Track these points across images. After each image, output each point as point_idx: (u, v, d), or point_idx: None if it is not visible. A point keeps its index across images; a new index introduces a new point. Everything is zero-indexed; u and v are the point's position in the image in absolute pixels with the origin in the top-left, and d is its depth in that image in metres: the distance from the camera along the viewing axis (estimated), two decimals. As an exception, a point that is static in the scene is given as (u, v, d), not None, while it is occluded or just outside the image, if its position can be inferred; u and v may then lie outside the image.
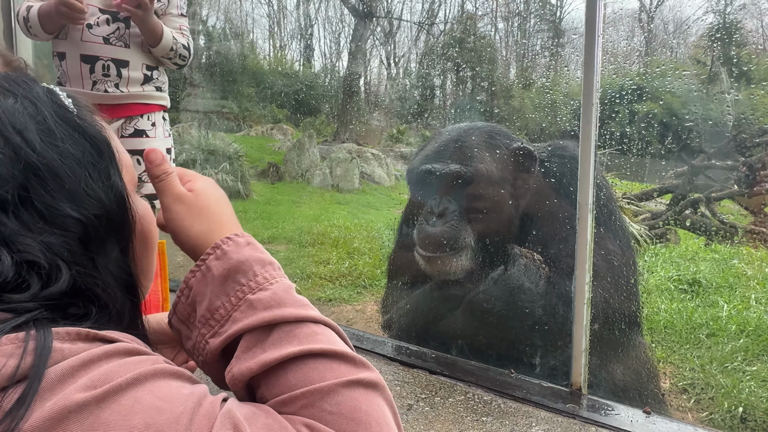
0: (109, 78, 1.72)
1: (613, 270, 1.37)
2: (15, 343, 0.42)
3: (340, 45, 15.76)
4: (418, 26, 14.90)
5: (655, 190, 7.98)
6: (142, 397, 0.43)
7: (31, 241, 0.48)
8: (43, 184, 0.50)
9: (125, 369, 0.44)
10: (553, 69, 10.63)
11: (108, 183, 0.55)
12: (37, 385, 0.40)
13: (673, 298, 3.38)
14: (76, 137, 0.54)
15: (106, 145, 0.57)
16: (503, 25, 13.64)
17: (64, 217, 0.50)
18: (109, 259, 0.53)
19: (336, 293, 4.02)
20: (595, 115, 1.09)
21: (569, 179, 1.51)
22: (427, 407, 1.14)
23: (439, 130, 1.79)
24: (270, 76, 14.74)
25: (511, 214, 1.60)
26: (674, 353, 2.65)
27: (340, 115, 13.81)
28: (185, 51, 1.81)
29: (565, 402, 1.15)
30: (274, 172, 10.44)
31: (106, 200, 0.54)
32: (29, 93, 0.54)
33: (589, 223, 1.11)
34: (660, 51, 9.94)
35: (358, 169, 10.85)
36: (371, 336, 1.54)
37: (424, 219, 1.61)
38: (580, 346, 1.15)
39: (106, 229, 0.53)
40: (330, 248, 5.16)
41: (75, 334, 0.46)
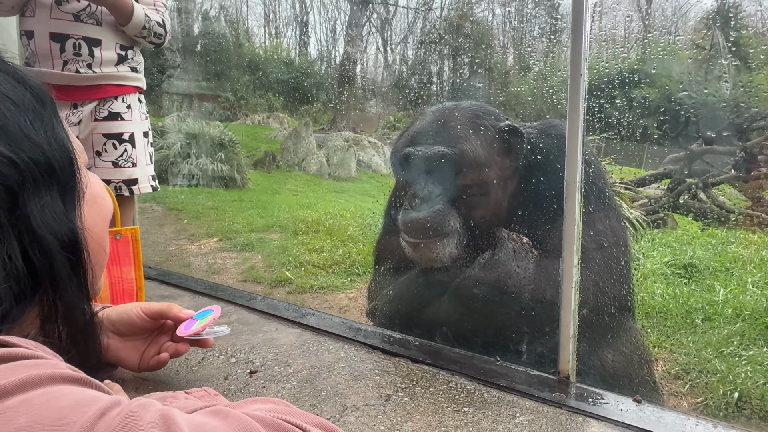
0: (80, 57, 1.64)
1: (603, 251, 1.31)
2: None
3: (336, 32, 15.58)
4: (415, 12, 14.70)
5: (653, 175, 7.92)
6: (32, 398, 0.36)
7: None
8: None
9: (14, 371, 0.38)
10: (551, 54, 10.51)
11: (52, 133, 0.54)
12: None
13: (669, 282, 3.33)
14: (15, 84, 0.53)
15: (48, 99, 0.56)
16: (500, 10, 13.47)
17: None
18: (46, 208, 0.50)
19: (329, 281, 3.98)
20: (584, 86, 1.03)
21: (558, 157, 1.44)
22: (407, 398, 1.08)
23: (423, 110, 1.72)
24: (265, 63, 14.59)
25: (499, 195, 1.54)
26: (669, 338, 2.61)
27: (337, 102, 13.70)
28: (160, 29, 1.73)
29: (552, 390, 1.09)
30: (270, 160, 10.36)
31: (48, 147, 0.52)
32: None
33: (578, 202, 1.05)
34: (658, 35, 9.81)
35: (354, 157, 10.77)
36: (354, 323, 1.48)
37: (408, 203, 1.54)
38: (568, 331, 1.09)
39: (45, 176, 0.51)
40: (324, 236, 5.11)
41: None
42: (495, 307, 1.38)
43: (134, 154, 1.74)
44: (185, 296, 1.82)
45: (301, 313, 1.57)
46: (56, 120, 0.56)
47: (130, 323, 1.01)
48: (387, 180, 10.50)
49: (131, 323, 1.01)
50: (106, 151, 1.71)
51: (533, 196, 1.46)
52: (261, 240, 5.10)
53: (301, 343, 1.38)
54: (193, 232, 5.35)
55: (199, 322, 1.03)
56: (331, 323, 1.48)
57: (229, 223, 5.73)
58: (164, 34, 1.75)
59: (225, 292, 1.83)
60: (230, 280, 3.88)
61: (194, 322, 1.04)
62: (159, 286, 1.93)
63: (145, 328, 1.03)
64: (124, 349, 1.01)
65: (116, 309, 1.02)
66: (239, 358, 1.30)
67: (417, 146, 1.55)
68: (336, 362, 1.26)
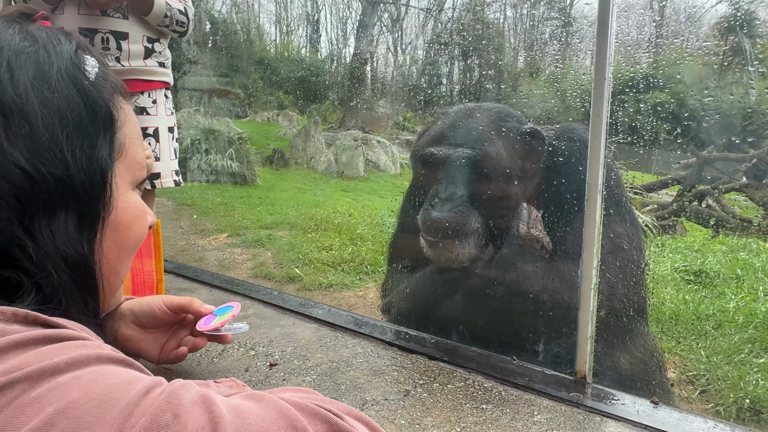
0: (109, 51, 1.66)
1: (621, 254, 1.32)
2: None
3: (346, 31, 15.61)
4: (426, 12, 14.70)
5: (663, 181, 7.88)
6: (82, 375, 0.39)
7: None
8: (6, 125, 0.46)
9: (64, 351, 0.40)
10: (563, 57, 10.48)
11: (89, 152, 0.51)
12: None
13: (679, 288, 3.33)
14: (72, 95, 0.51)
15: (104, 116, 0.53)
16: (512, 12, 13.44)
17: (11, 164, 0.45)
18: (55, 228, 0.48)
19: (338, 279, 3.99)
20: (608, 90, 1.04)
21: (577, 161, 1.45)
22: (425, 393, 1.10)
23: (446, 111, 1.73)
24: (276, 61, 14.64)
25: (519, 197, 1.55)
26: (680, 344, 2.61)
27: (346, 101, 13.72)
28: (182, 16, 1.74)
29: (569, 390, 1.11)
30: (279, 158, 10.40)
31: (74, 166, 0.49)
32: (53, 45, 0.52)
33: (599, 204, 1.06)
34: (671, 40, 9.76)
35: (363, 157, 10.79)
36: (370, 320, 1.50)
37: (429, 203, 1.56)
38: (586, 332, 1.10)
39: (61, 194, 0.48)
40: (333, 234, 5.13)
41: (11, 314, 0.42)
42: (511, 307, 1.39)
43: (158, 149, 1.77)
44: (202, 289, 1.84)
45: (317, 309, 1.59)
46: (104, 137, 0.53)
47: (152, 315, 1.02)
48: (395, 180, 10.51)
49: (153, 315, 1.02)
50: None
51: (552, 198, 1.47)
52: (270, 237, 5.12)
53: (319, 338, 1.40)
54: (203, 228, 5.39)
55: (219, 318, 1.05)
56: (348, 319, 1.50)
57: (238, 219, 5.77)
58: (187, 22, 1.77)
59: (241, 286, 1.86)
60: (241, 276, 3.91)
61: (214, 317, 1.06)
62: (175, 279, 1.96)
63: (167, 321, 1.05)
64: (145, 340, 1.02)
65: (139, 301, 1.04)
66: (258, 351, 1.32)
67: (439, 146, 1.56)
68: (354, 357, 1.28)
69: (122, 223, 0.58)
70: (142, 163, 0.62)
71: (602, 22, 1.05)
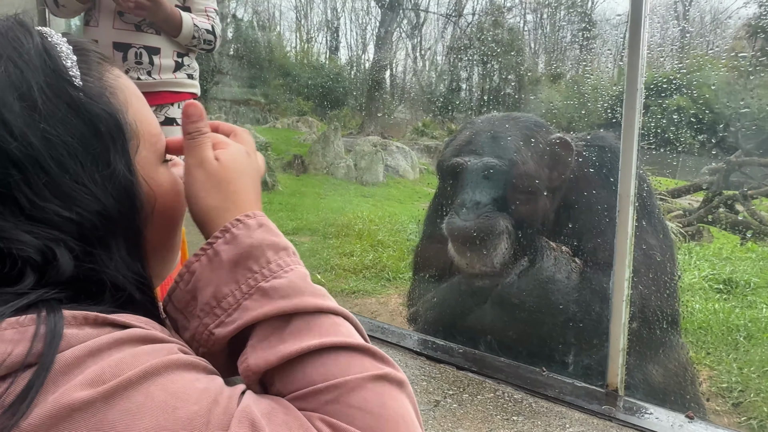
0: (141, 65, 1.71)
1: (654, 266, 1.30)
2: (16, 327, 0.38)
3: (366, 37, 15.69)
4: (446, 18, 14.71)
5: (689, 186, 7.73)
6: (153, 392, 0.39)
7: (18, 233, 0.41)
8: (25, 179, 0.42)
9: (137, 360, 0.40)
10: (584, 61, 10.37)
11: (107, 171, 0.46)
12: (44, 378, 0.36)
13: (708, 297, 3.26)
14: (67, 116, 0.45)
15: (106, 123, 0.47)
16: (532, 17, 13.38)
17: (53, 215, 0.43)
18: (112, 258, 0.47)
19: (360, 285, 4.01)
20: (640, 101, 1.03)
21: (608, 170, 1.44)
22: (455, 404, 1.10)
23: (472, 120, 1.74)
24: (296, 68, 14.79)
25: (546, 207, 1.54)
26: (709, 355, 2.55)
27: (366, 107, 13.77)
28: (209, 35, 1.79)
29: (601, 403, 1.10)
30: (299, 164, 10.48)
31: (103, 195, 0.46)
32: (18, 53, 0.44)
33: (630, 215, 1.05)
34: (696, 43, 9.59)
35: (382, 162, 10.80)
36: (396, 329, 1.50)
37: (456, 212, 1.56)
38: (618, 345, 1.09)
39: (105, 227, 0.46)
40: (354, 240, 5.15)
41: (82, 318, 0.41)
42: (539, 317, 1.39)
43: None
44: (230, 297, 1.88)
45: (344, 317, 1.60)
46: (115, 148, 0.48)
47: None
48: (414, 185, 10.50)
49: None
50: None
51: (581, 209, 1.46)
52: (292, 242, 5.16)
53: (347, 346, 1.42)
54: (226, 233, 5.44)
55: None
56: (376, 327, 1.51)
57: (260, 224, 5.82)
58: (214, 40, 1.82)
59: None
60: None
61: None
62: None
63: None
64: None
65: None
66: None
67: (466, 156, 1.57)
68: (382, 367, 1.29)
69: (167, 206, 0.55)
70: (157, 133, 0.56)
71: (634, 32, 1.05)
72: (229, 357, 0.51)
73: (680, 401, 1.30)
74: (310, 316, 0.48)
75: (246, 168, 0.56)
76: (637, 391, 1.22)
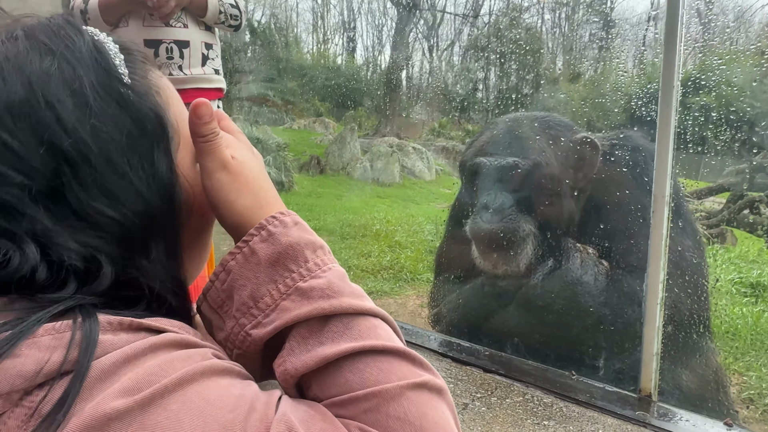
0: (173, 60, 1.72)
1: (688, 268, 1.27)
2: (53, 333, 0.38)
3: (382, 38, 15.70)
4: (462, 18, 14.64)
5: (712, 187, 7.57)
6: (189, 399, 0.38)
7: (65, 239, 0.41)
8: (75, 175, 0.42)
9: (172, 367, 0.39)
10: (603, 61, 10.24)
11: (151, 170, 0.47)
12: (80, 386, 0.35)
13: (735, 301, 3.18)
14: (117, 114, 0.45)
15: (152, 121, 0.48)
16: (550, 16, 13.25)
17: (99, 215, 0.42)
18: (150, 260, 0.46)
19: (378, 286, 3.99)
20: (676, 98, 1.01)
21: (636, 170, 1.41)
22: (484, 407, 1.08)
23: (494, 120, 1.72)
24: (313, 70, 14.86)
25: (572, 208, 1.52)
26: (737, 360, 2.49)
27: (382, 108, 13.78)
28: (234, 10, 1.79)
29: (634, 409, 1.07)
30: (315, 164, 10.52)
31: (148, 194, 0.46)
32: (71, 51, 0.45)
33: (665, 216, 1.02)
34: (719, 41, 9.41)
35: (398, 163, 10.79)
36: (420, 330, 1.49)
37: (479, 214, 1.55)
38: (651, 349, 1.06)
39: (146, 228, 0.46)
40: (372, 241, 5.14)
41: (117, 323, 0.41)
42: (568, 319, 1.36)
43: None
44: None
45: (367, 318, 1.60)
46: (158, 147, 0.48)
47: None
48: (430, 186, 10.47)
49: None
50: None
51: (609, 210, 1.43)
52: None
53: (371, 347, 1.41)
54: (244, 233, 5.48)
55: None
56: (399, 329, 1.50)
57: (278, 225, 5.84)
58: (240, 14, 1.81)
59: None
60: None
61: None
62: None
63: None
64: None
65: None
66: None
67: (488, 156, 1.55)
68: (408, 368, 1.28)
69: (204, 204, 0.54)
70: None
71: (670, 29, 1.02)
72: (264, 359, 0.49)
73: (716, 408, 1.27)
74: (348, 317, 0.46)
75: (260, 164, 0.55)
76: (671, 397, 1.19)
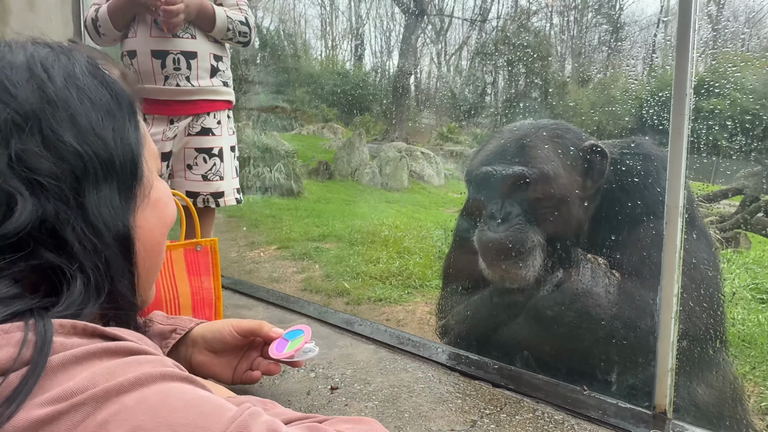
0: (179, 71, 1.72)
1: (703, 281, 1.23)
2: (0, 334, 0.39)
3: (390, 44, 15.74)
4: (470, 23, 14.64)
5: (724, 191, 7.47)
6: (148, 396, 0.39)
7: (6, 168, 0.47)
8: (54, 113, 0.51)
9: (129, 369, 0.40)
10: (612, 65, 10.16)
11: (121, 133, 0.57)
12: (33, 383, 0.37)
13: (751, 308, 3.12)
14: (98, 86, 0.57)
15: (128, 105, 0.59)
16: (558, 20, 13.20)
17: (64, 145, 0.51)
18: (101, 199, 0.53)
19: (386, 293, 3.97)
20: (689, 106, 0.98)
21: (647, 179, 1.38)
22: (493, 424, 1.06)
23: (500, 129, 1.69)
24: (322, 76, 14.92)
25: (581, 217, 1.49)
26: (754, 369, 2.43)
27: (390, 113, 13.80)
28: (244, 27, 1.79)
29: (648, 426, 1.04)
30: (324, 170, 10.54)
31: (113, 145, 0.55)
32: (68, 51, 0.58)
33: (679, 227, 0.99)
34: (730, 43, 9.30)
35: (407, 168, 10.78)
36: (428, 342, 1.47)
37: (485, 224, 1.52)
38: (666, 364, 1.03)
39: (105, 170, 0.54)
40: (380, 247, 5.12)
41: (70, 326, 0.43)
42: (578, 333, 1.33)
43: (222, 168, 1.81)
44: (258, 306, 1.86)
45: (374, 329, 1.57)
46: (130, 122, 0.59)
47: (223, 341, 1.04)
48: (439, 191, 10.44)
49: (224, 341, 1.04)
50: (197, 164, 1.78)
51: (620, 219, 1.40)
52: (318, 249, 5.16)
53: (378, 360, 1.38)
54: (253, 240, 5.49)
55: (291, 344, 1.04)
56: (406, 341, 1.47)
57: (287, 231, 5.85)
58: (249, 32, 1.81)
59: (296, 303, 1.86)
60: (290, 289, 3.95)
61: (285, 342, 1.05)
62: (232, 296, 1.99)
63: (237, 345, 1.06)
64: (218, 365, 1.04)
65: (210, 327, 1.05)
66: (318, 373, 1.31)
67: (494, 165, 1.52)
68: (415, 382, 1.25)
69: (161, 200, 0.64)
70: (157, 155, 0.68)
71: (682, 35, 1.00)
72: None
73: (734, 426, 1.23)
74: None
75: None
76: (687, 414, 1.16)
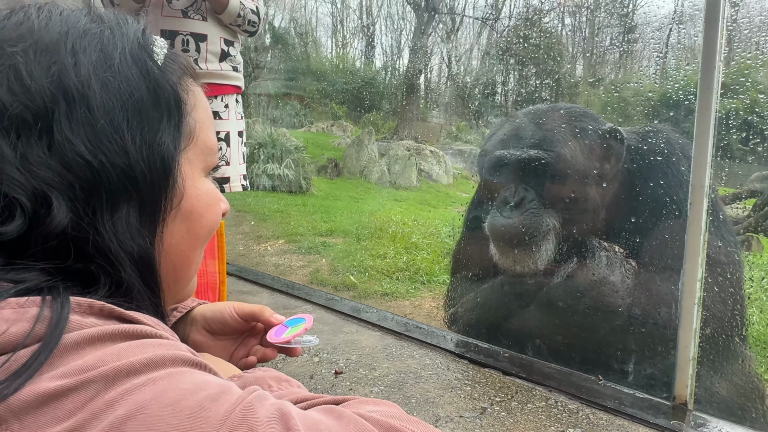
0: (188, 53, 1.69)
1: (729, 265, 1.18)
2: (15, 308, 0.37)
3: (401, 42, 15.69)
4: (482, 22, 14.56)
5: (737, 193, 7.36)
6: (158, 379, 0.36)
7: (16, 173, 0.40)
8: (69, 112, 0.43)
9: (139, 350, 0.38)
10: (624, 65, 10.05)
11: (150, 138, 0.48)
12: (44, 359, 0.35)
13: (764, 309, 3.04)
14: (135, 78, 0.48)
15: (169, 100, 0.50)
16: (570, 20, 13.09)
17: (74, 153, 0.42)
18: (117, 221, 0.45)
19: (393, 288, 3.92)
20: (717, 80, 0.93)
21: (669, 161, 1.33)
22: (503, 412, 1.01)
23: (515, 113, 1.64)
24: (332, 73, 14.92)
25: (597, 203, 1.44)
26: (770, 371, 2.36)
27: (400, 112, 13.76)
28: (254, 16, 1.76)
29: (668, 418, 0.99)
30: (333, 167, 10.52)
31: (135, 153, 0.46)
32: (119, 25, 0.50)
33: (704, 208, 0.94)
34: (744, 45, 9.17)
35: (416, 167, 10.74)
36: (435, 329, 1.42)
37: (498, 209, 1.47)
38: (688, 353, 0.98)
39: (121, 185, 0.45)
40: (387, 242, 5.07)
41: (87, 306, 0.40)
42: (593, 321, 1.28)
43: (228, 153, 1.78)
44: (263, 293, 1.83)
45: (381, 316, 1.53)
46: (168, 122, 0.50)
47: (223, 322, 1.00)
48: (448, 190, 10.38)
49: (224, 323, 1.00)
50: None
51: (639, 204, 1.35)
52: (325, 244, 5.13)
53: (384, 346, 1.34)
54: (260, 233, 5.47)
55: (290, 330, 1.00)
56: (413, 328, 1.43)
57: (294, 226, 5.82)
58: (258, 21, 1.79)
59: (302, 290, 1.83)
60: (297, 282, 3.91)
61: (285, 328, 1.01)
62: (237, 282, 1.96)
63: (237, 329, 1.02)
64: (215, 347, 1.00)
65: (211, 307, 1.01)
66: (323, 358, 1.27)
67: (509, 149, 1.47)
68: (422, 369, 1.21)
69: (195, 212, 0.54)
70: (214, 149, 0.58)
71: (711, 3, 0.95)
72: None
73: (761, 418, 1.17)
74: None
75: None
76: (709, 406, 1.10)
